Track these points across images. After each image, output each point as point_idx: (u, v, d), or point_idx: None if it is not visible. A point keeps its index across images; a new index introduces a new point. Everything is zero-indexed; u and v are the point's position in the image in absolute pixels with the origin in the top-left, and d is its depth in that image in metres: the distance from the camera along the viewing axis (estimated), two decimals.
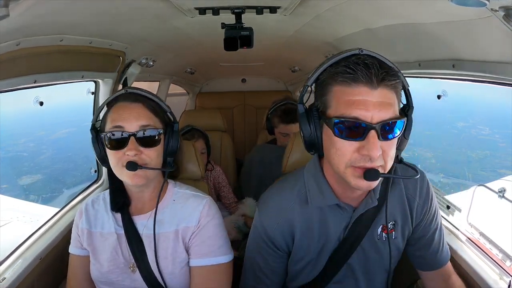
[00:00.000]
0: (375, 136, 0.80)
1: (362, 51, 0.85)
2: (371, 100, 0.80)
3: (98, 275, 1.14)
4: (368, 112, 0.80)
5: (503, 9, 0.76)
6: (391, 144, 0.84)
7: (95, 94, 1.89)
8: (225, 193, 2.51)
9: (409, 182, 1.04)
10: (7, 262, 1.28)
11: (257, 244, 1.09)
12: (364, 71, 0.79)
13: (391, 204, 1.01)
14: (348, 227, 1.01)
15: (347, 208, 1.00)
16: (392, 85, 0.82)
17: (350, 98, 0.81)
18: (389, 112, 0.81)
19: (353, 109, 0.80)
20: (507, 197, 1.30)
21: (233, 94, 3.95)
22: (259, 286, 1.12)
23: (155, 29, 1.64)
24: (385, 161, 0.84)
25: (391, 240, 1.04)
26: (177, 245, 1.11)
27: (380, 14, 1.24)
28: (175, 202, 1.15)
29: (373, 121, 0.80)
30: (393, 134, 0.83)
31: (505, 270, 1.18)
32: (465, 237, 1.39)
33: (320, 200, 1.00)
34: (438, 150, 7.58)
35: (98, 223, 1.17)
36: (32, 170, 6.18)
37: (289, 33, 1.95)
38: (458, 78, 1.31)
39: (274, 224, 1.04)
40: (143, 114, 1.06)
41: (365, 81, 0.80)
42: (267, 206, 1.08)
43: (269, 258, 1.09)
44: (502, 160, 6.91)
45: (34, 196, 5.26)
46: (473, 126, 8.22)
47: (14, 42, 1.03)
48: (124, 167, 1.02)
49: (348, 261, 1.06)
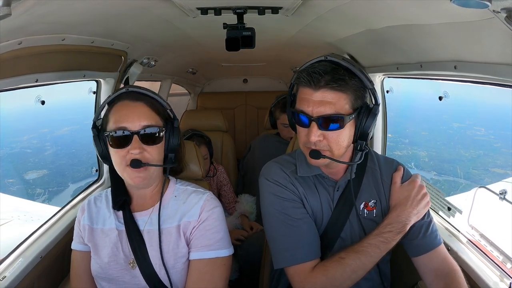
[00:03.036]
0: (315, 126, 1.02)
1: (326, 57, 1.06)
2: (312, 99, 1.02)
3: (99, 271, 1.15)
4: (309, 107, 1.03)
5: (505, 10, 0.76)
6: (335, 133, 1.04)
7: (96, 94, 1.90)
8: (225, 192, 2.51)
9: (384, 169, 1.22)
10: (8, 261, 1.29)
11: (276, 203, 1.15)
12: (306, 78, 1.02)
13: (369, 183, 1.20)
14: (335, 199, 1.17)
15: (330, 180, 1.18)
16: (334, 88, 1.00)
17: (301, 96, 1.06)
18: (327, 108, 1.01)
19: (301, 105, 1.05)
20: (508, 199, 1.29)
21: (234, 94, 3.95)
22: (297, 239, 1.12)
23: (157, 29, 1.64)
24: (331, 147, 1.05)
25: (372, 217, 1.18)
26: (179, 240, 1.12)
27: (382, 15, 1.24)
28: (177, 198, 1.17)
29: (313, 114, 1.02)
30: (333, 126, 1.02)
31: (506, 272, 1.18)
32: (466, 239, 1.38)
33: (307, 170, 1.18)
34: (432, 150, 7.73)
35: (99, 220, 1.19)
36: (37, 165, 6.25)
37: (290, 34, 1.95)
38: (460, 80, 1.30)
39: (284, 180, 1.18)
40: (144, 112, 1.08)
41: (308, 85, 1.03)
42: (273, 169, 1.21)
43: (294, 206, 1.15)
44: (494, 159, 7.03)
45: (40, 190, 5.31)
46: (469, 127, 8.28)
47: (16, 41, 1.03)
48: (128, 165, 1.04)
49: (341, 235, 1.18)
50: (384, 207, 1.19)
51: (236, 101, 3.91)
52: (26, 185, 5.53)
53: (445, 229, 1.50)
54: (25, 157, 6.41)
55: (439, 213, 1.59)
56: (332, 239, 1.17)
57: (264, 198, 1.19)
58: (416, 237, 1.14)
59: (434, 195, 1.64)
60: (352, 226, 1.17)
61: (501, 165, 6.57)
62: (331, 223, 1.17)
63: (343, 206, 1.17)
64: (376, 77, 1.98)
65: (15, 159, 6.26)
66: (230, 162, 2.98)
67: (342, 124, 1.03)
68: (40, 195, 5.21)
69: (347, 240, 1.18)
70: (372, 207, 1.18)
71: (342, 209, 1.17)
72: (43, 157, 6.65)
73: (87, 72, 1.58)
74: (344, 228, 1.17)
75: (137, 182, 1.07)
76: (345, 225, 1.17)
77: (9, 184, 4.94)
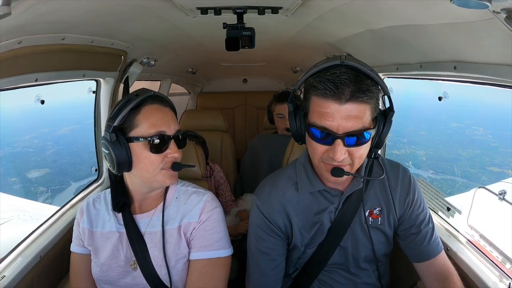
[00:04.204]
0: (340, 144, 0.92)
1: (343, 62, 0.94)
2: (338, 114, 0.91)
3: (99, 274, 1.15)
4: (334, 123, 0.92)
5: (505, 11, 0.76)
6: (359, 148, 0.95)
7: (96, 93, 1.90)
8: (222, 191, 2.52)
9: (391, 174, 1.16)
10: (7, 260, 1.28)
11: (257, 229, 1.16)
12: (332, 90, 0.90)
13: (375, 191, 1.14)
14: (338, 209, 1.12)
15: (335, 192, 1.12)
16: (362, 100, 0.90)
17: (321, 109, 0.93)
18: (355, 123, 0.91)
19: (322, 120, 0.93)
20: (508, 199, 1.29)
21: (234, 94, 3.95)
22: (264, 268, 1.16)
23: (157, 29, 1.64)
24: (353, 161, 0.97)
25: (377, 225, 1.14)
26: (180, 241, 1.12)
27: (382, 15, 1.24)
28: (178, 199, 1.17)
29: (339, 131, 0.92)
30: (361, 142, 0.94)
31: (505, 273, 1.18)
32: (465, 239, 1.38)
33: (309, 186, 1.12)
34: (430, 149, 7.83)
35: (99, 223, 1.18)
36: (39, 164, 6.29)
37: (290, 34, 1.95)
38: (460, 80, 1.30)
39: (270, 208, 1.14)
40: (173, 117, 1.12)
41: (334, 98, 0.90)
42: (263, 192, 1.17)
43: (270, 240, 1.15)
44: (492, 158, 7.13)
45: (43, 188, 5.34)
46: (467, 127, 8.35)
47: (15, 40, 1.03)
48: (165, 169, 1.08)
49: (341, 244, 1.15)
50: (391, 214, 1.15)
51: (235, 101, 3.90)
52: (29, 184, 5.58)
53: (444, 230, 1.50)
54: (27, 156, 6.46)
55: (439, 214, 1.59)
56: (331, 248, 1.15)
57: (250, 220, 1.20)
58: (421, 244, 1.14)
59: (434, 196, 1.64)
60: (354, 235, 1.14)
61: (498, 164, 6.68)
62: (331, 231, 1.14)
63: (345, 215, 1.12)
64: None
65: (17, 158, 6.32)
66: (229, 162, 2.98)
67: (369, 138, 0.95)
68: (43, 193, 5.25)
69: (347, 249, 1.15)
70: (377, 215, 1.14)
71: (343, 218, 1.12)
72: (45, 156, 6.69)
73: (86, 72, 1.58)
74: (345, 237, 1.14)
75: (173, 181, 1.12)
76: (345, 234, 1.14)
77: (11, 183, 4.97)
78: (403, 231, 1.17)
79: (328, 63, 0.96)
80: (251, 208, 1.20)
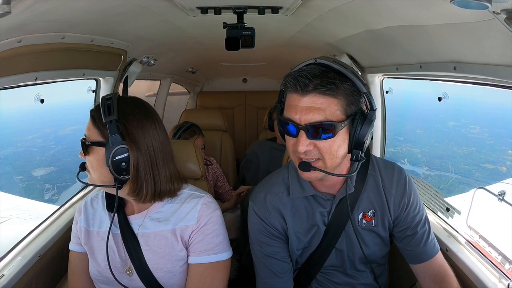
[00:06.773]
0: (303, 135, 0.94)
1: (316, 60, 0.98)
2: (300, 105, 0.94)
3: (96, 274, 1.14)
4: (296, 115, 0.95)
5: (505, 12, 0.76)
6: (327, 142, 0.95)
7: (96, 93, 1.90)
8: (220, 183, 2.58)
9: (386, 176, 1.15)
10: (6, 259, 1.29)
11: (258, 234, 1.17)
12: (296, 83, 0.93)
13: (368, 193, 1.14)
14: (331, 212, 1.13)
15: (327, 196, 1.12)
16: (324, 92, 0.92)
17: (288, 103, 0.98)
18: (316, 115, 0.93)
19: (288, 112, 0.97)
20: (507, 200, 1.30)
21: (234, 94, 3.95)
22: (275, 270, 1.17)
23: (157, 28, 1.64)
24: (323, 157, 0.97)
25: (371, 228, 1.14)
26: (175, 244, 1.10)
27: (382, 16, 1.24)
28: (172, 201, 1.15)
29: (301, 122, 0.94)
30: (324, 134, 0.94)
31: (504, 273, 1.18)
32: (465, 240, 1.39)
33: (300, 192, 1.13)
34: (425, 147, 7.94)
35: (95, 222, 1.18)
36: (44, 163, 6.38)
37: (290, 34, 1.95)
38: (459, 81, 1.30)
39: (267, 212, 1.15)
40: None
41: (295, 90, 0.94)
42: (258, 198, 1.18)
43: (273, 243, 1.16)
44: (486, 156, 7.24)
45: (49, 185, 5.44)
46: (464, 126, 8.41)
47: (15, 39, 1.03)
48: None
49: (336, 246, 1.16)
50: (385, 216, 1.14)
51: (235, 100, 3.91)
52: (35, 181, 5.66)
53: (443, 230, 1.50)
54: (31, 155, 6.54)
55: (438, 214, 1.59)
56: (327, 250, 1.16)
57: (249, 228, 1.21)
58: (417, 246, 1.14)
59: (433, 196, 1.64)
60: (349, 238, 1.15)
61: (492, 161, 6.81)
62: (325, 235, 1.14)
63: (339, 218, 1.12)
64: (376, 78, 1.98)
65: (21, 157, 6.42)
66: (229, 161, 2.99)
67: (334, 132, 0.94)
68: (49, 190, 5.34)
69: (343, 251, 1.17)
70: (371, 217, 1.14)
71: (338, 221, 1.13)
72: (49, 155, 6.77)
73: (86, 71, 1.58)
74: (340, 240, 1.15)
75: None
76: (340, 237, 1.14)
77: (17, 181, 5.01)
78: (398, 233, 1.17)
79: (303, 63, 1.00)
80: (248, 214, 1.20)
